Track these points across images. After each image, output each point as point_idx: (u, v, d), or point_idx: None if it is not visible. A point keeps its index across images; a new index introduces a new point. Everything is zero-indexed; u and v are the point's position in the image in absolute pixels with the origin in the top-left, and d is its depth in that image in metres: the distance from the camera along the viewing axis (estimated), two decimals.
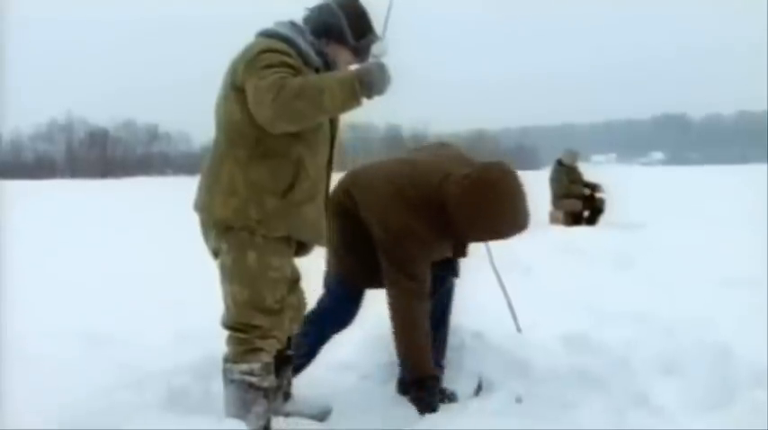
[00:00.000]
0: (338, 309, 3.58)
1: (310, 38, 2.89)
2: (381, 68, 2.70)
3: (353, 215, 3.42)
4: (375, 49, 2.83)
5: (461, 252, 3.54)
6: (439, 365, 3.61)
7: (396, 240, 3.31)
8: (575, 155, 12.65)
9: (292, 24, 2.92)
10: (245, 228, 2.82)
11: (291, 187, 2.83)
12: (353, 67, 2.87)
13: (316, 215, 2.95)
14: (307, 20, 2.95)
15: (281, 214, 2.83)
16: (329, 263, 3.59)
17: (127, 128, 78.21)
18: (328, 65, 2.92)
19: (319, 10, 2.95)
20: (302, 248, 3.04)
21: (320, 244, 3.09)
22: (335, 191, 3.46)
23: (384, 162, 3.66)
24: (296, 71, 2.72)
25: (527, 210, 3.27)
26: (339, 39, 2.92)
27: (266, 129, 2.71)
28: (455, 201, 3.23)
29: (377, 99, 2.76)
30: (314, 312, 3.47)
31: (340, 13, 2.91)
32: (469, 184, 3.22)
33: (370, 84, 2.64)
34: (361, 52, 2.94)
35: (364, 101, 2.68)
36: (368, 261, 3.39)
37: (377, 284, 3.44)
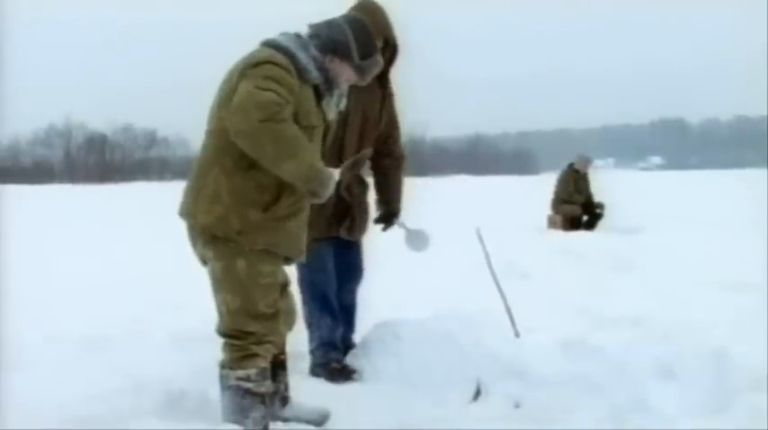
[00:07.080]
0: (315, 272, 3.79)
1: (314, 52, 2.85)
2: (333, 183, 2.77)
3: None
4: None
5: None
6: (348, 345, 3.95)
7: None
8: (587, 160, 12.56)
9: (297, 37, 2.88)
10: (227, 237, 2.80)
11: (275, 201, 2.81)
12: (338, 170, 2.85)
13: (297, 230, 2.94)
14: (314, 34, 2.90)
15: (262, 228, 2.80)
16: None
17: (125, 132, 78.12)
18: (329, 81, 2.90)
19: (329, 26, 2.93)
20: (289, 258, 3.02)
21: (298, 258, 3.05)
22: None
23: None
24: (290, 93, 2.70)
25: None
26: (345, 56, 2.88)
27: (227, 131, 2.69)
28: None
29: None
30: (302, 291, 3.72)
31: (348, 32, 2.89)
32: None
33: (319, 191, 2.72)
34: (363, 71, 2.94)
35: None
36: (318, 210, 3.37)
37: (335, 231, 3.75)
